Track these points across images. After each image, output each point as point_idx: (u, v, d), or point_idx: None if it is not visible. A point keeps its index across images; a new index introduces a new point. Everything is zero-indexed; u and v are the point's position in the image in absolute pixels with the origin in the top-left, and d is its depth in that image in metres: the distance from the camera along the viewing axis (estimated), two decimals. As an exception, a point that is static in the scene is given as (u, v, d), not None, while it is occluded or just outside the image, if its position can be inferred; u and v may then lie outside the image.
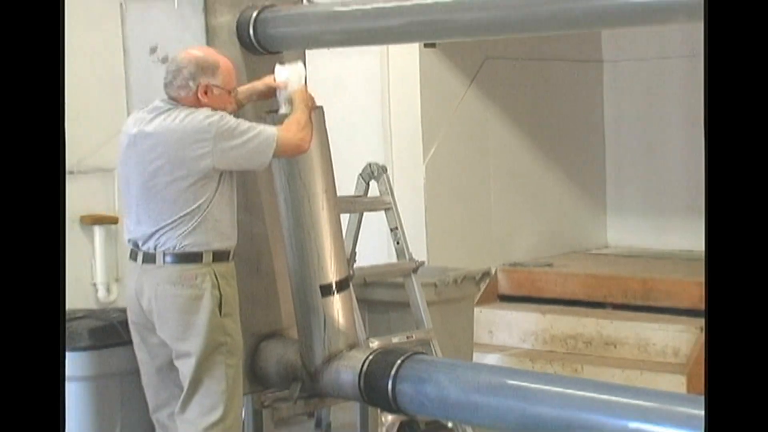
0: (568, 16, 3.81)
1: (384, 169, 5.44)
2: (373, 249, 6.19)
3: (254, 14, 4.52)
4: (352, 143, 6.70)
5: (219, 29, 4.51)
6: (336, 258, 4.43)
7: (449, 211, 7.24)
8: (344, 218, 5.06)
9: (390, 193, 5.43)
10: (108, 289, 6.56)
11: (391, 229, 5.44)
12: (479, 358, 6.55)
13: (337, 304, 4.40)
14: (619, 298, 6.99)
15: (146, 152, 4.09)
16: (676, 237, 8.05)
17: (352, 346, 4.41)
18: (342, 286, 4.44)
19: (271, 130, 4.10)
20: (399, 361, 4.16)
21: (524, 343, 6.98)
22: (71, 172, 6.38)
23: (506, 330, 7.06)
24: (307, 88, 4.32)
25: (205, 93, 4.11)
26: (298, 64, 4.36)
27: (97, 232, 6.52)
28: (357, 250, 5.52)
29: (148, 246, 4.12)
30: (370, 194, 5.53)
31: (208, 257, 4.09)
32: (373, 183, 5.48)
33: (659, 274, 7.06)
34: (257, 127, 4.10)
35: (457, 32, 4.36)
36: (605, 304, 7.03)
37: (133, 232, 4.18)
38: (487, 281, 6.80)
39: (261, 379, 4.55)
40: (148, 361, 4.28)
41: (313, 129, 4.21)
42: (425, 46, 6.97)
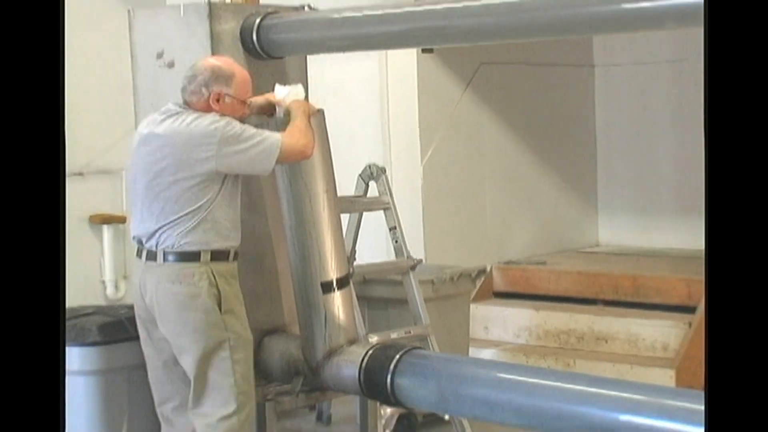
0: (561, 23, 3.82)
1: (383, 170, 5.43)
2: (373, 247, 6.19)
3: (257, 21, 4.53)
4: (352, 145, 6.70)
5: (223, 35, 4.51)
6: (336, 256, 4.43)
7: (446, 211, 7.24)
8: (344, 218, 5.06)
9: (389, 194, 5.42)
10: (116, 286, 6.56)
11: (390, 228, 5.44)
12: (475, 352, 6.54)
13: (338, 301, 4.41)
14: (610, 295, 6.99)
15: (154, 152, 4.09)
16: (665, 236, 8.06)
17: (352, 342, 4.41)
18: (342, 283, 4.44)
19: (276, 138, 4.08)
20: (397, 356, 4.16)
21: (518, 339, 6.98)
22: (80, 174, 6.40)
23: (501, 325, 7.06)
24: (306, 99, 4.33)
25: (217, 101, 4.11)
26: (299, 85, 4.36)
27: (106, 231, 6.53)
28: (357, 248, 5.52)
29: (151, 244, 4.12)
30: (369, 194, 5.53)
31: (206, 256, 4.07)
32: (372, 183, 5.47)
33: (649, 272, 7.05)
34: (262, 134, 4.08)
35: (455, 38, 4.35)
36: (597, 301, 7.03)
37: (137, 230, 4.19)
38: (483, 278, 6.81)
39: (264, 373, 4.55)
40: (155, 355, 4.28)
41: (314, 134, 4.21)
42: (423, 51, 6.97)
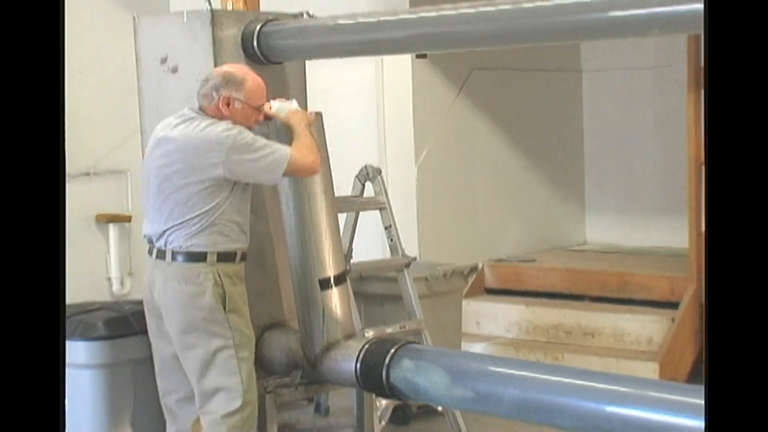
0: (550, 29, 3.81)
1: (378, 171, 5.43)
2: (369, 246, 6.20)
3: (258, 27, 4.52)
4: (349, 147, 6.68)
5: (225, 41, 4.50)
6: (334, 254, 4.43)
7: (439, 211, 7.24)
8: (342, 217, 5.06)
9: (384, 194, 5.42)
10: (122, 283, 6.56)
11: (385, 227, 5.43)
12: (467, 346, 6.55)
13: (335, 297, 4.41)
14: (596, 291, 7.00)
15: (166, 155, 4.09)
16: (650, 234, 8.07)
17: (349, 336, 4.41)
18: (339, 280, 4.44)
19: (285, 151, 4.06)
20: (393, 350, 4.16)
21: (509, 333, 6.99)
22: (87, 174, 6.40)
23: (492, 321, 7.06)
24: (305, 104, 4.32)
25: (227, 105, 4.10)
26: (293, 102, 4.35)
27: (112, 229, 6.53)
28: (353, 246, 5.51)
29: (160, 243, 4.12)
30: (365, 195, 5.53)
31: (212, 257, 4.06)
32: (368, 184, 5.47)
33: (634, 269, 7.05)
34: (272, 146, 4.06)
35: (448, 44, 4.35)
36: (584, 297, 7.04)
37: (148, 229, 4.18)
38: (475, 275, 6.79)
39: (264, 367, 4.55)
40: (163, 347, 4.26)
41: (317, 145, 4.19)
42: (417, 57, 6.97)
